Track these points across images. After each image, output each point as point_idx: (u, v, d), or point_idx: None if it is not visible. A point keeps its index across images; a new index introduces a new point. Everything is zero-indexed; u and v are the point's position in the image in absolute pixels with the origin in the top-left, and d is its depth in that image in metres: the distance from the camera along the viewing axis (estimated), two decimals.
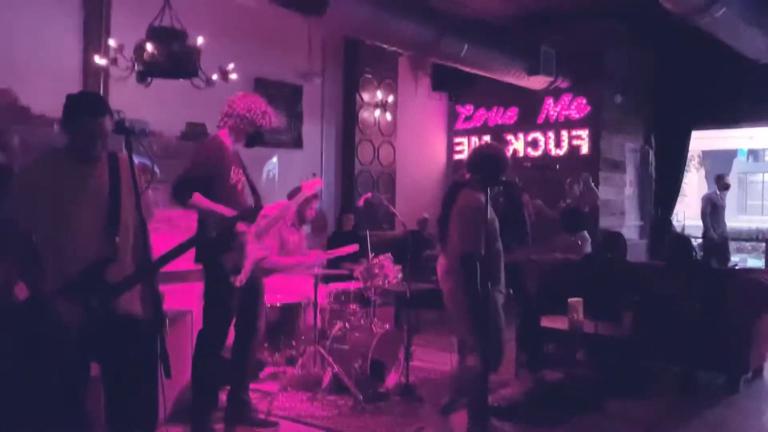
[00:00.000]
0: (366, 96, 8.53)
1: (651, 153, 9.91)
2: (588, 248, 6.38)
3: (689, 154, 10.45)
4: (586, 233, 6.53)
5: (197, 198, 3.53)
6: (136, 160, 2.45)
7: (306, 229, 6.30)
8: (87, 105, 2.49)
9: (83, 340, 2.36)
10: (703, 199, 9.16)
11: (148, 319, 2.32)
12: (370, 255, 5.21)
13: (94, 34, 5.80)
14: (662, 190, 9.91)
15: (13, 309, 2.43)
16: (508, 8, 8.20)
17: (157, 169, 2.75)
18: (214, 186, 3.61)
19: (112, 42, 5.21)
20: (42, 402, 2.29)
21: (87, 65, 5.75)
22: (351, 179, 8.48)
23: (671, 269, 5.30)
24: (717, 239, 8.74)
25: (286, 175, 7.40)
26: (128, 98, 5.31)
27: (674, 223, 10.43)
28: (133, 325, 2.47)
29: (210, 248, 3.47)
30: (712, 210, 8.85)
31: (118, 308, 2.43)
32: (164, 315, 2.14)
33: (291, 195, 5.27)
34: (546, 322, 5.09)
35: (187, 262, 3.68)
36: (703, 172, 20.71)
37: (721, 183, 9.04)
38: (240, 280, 3.56)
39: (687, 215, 14.86)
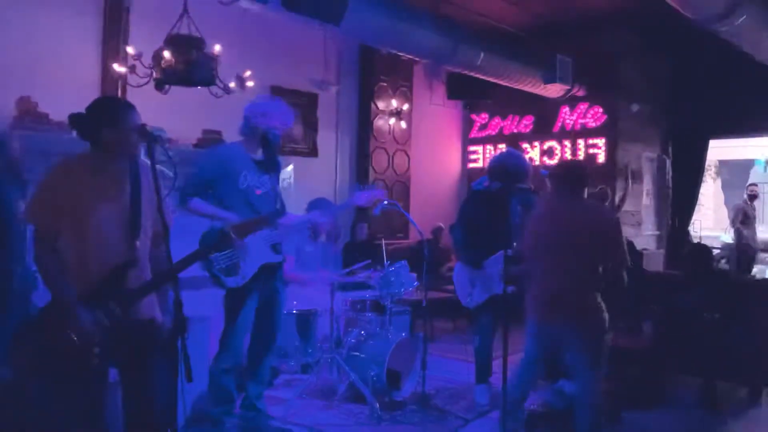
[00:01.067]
0: (381, 104, 8.54)
1: (668, 162, 9.82)
2: None
3: (706, 164, 10.36)
4: None
5: (195, 204, 3.61)
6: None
7: (321, 237, 6.30)
8: (126, 109, 2.49)
9: (105, 346, 2.35)
10: (733, 208, 9.09)
11: (169, 323, 2.31)
12: (386, 263, 5.19)
13: (112, 42, 5.84)
14: (679, 199, 9.81)
15: (34, 316, 2.43)
16: (523, 17, 8.18)
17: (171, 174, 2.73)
18: (219, 190, 3.66)
19: (130, 50, 5.25)
20: (63, 408, 2.29)
21: (105, 73, 5.80)
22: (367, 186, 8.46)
23: (691, 279, 5.23)
24: (749, 249, 8.67)
25: (302, 184, 7.41)
26: (145, 105, 5.29)
27: (691, 232, 10.32)
28: (154, 329, 2.47)
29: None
30: (744, 219, 8.79)
31: (138, 313, 2.43)
32: (185, 319, 2.13)
33: (311, 205, 5.28)
34: None
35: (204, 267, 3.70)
36: (720, 181, 20.50)
37: (750, 193, 8.99)
38: (236, 282, 3.57)
39: (704, 225, 14.70)
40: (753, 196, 8.97)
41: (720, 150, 14.29)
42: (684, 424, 4.45)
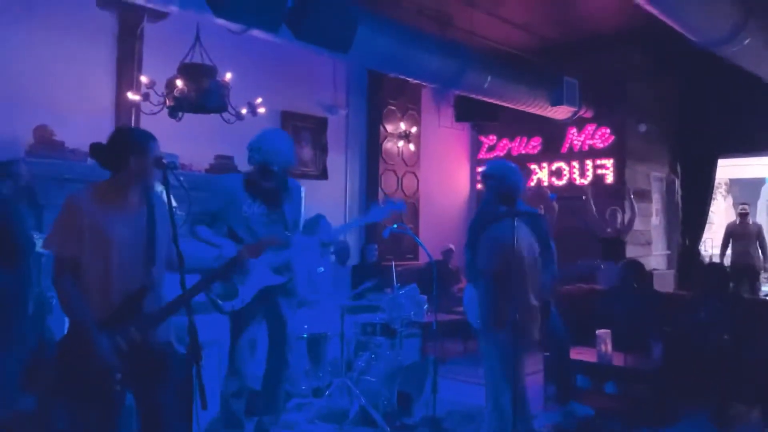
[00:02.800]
0: (390, 127, 8.63)
1: (677, 182, 9.82)
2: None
3: (716, 182, 10.35)
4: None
5: (199, 231, 3.73)
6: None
7: (331, 258, 6.35)
8: (151, 139, 2.54)
9: (123, 371, 2.40)
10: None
11: (184, 350, 2.35)
12: (396, 287, 5.22)
13: (126, 70, 5.98)
14: (689, 218, 9.80)
15: (56, 342, 2.48)
16: (529, 40, 8.28)
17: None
18: (227, 218, 3.80)
19: (144, 78, 5.37)
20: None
21: (120, 101, 5.92)
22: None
23: (702, 299, 5.22)
24: (750, 268, 8.64)
25: (312, 206, 7.48)
26: (159, 132, 5.38)
27: (702, 251, 10.28)
28: (169, 355, 2.51)
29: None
30: (729, 240, 8.83)
31: (155, 337, 2.48)
32: (200, 346, 2.17)
33: (308, 225, 5.34)
34: (574, 353, 5.03)
35: None
36: (730, 200, 20.42)
37: (740, 212, 8.99)
38: (233, 305, 3.63)
39: (715, 243, 14.62)
40: (744, 215, 8.97)
41: (730, 168, 14.25)
42: None
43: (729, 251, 8.95)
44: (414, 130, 8.83)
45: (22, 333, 4.41)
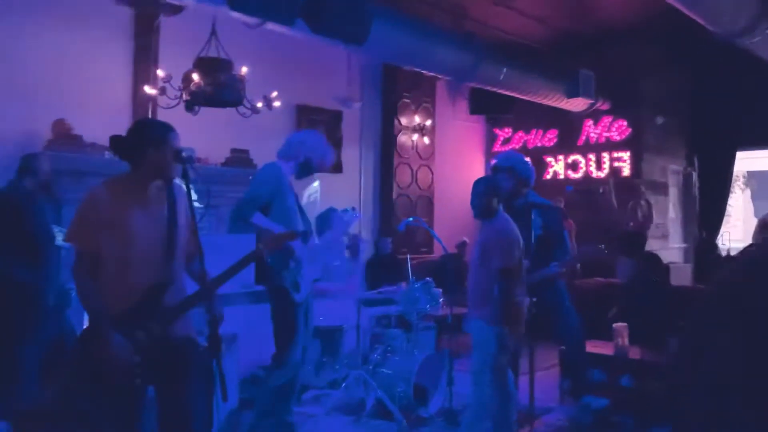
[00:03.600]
0: (404, 120, 8.61)
1: (694, 174, 9.73)
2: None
3: (734, 175, 10.23)
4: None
5: (258, 217, 3.73)
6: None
7: (345, 253, 6.37)
8: (171, 131, 2.53)
9: (143, 365, 2.42)
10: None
11: (205, 342, 2.37)
12: (411, 280, 5.23)
13: (143, 64, 6.01)
14: (707, 212, 9.70)
15: (79, 335, 2.50)
16: (545, 32, 8.22)
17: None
18: (271, 209, 3.80)
19: (160, 72, 5.40)
20: (103, 426, 2.35)
21: (136, 95, 5.96)
22: (389, 203, 8.53)
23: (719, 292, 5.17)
24: None
25: (326, 200, 7.49)
26: (175, 126, 5.46)
27: (720, 245, 10.19)
28: (190, 347, 2.53)
29: (269, 268, 3.60)
30: (762, 230, 8.66)
31: (175, 331, 2.49)
32: (220, 338, 2.18)
33: (320, 219, 5.37)
34: (590, 347, 5.02)
35: (232, 285, 3.78)
36: (748, 192, 20.21)
37: None
38: (300, 297, 3.68)
39: (733, 237, 14.48)
40: None
41: (749, 161, 14.09)
42: None
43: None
44: (428, 123, 8.81)
45: (42, 325, 4.48)
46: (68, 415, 2.48)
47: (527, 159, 4.80)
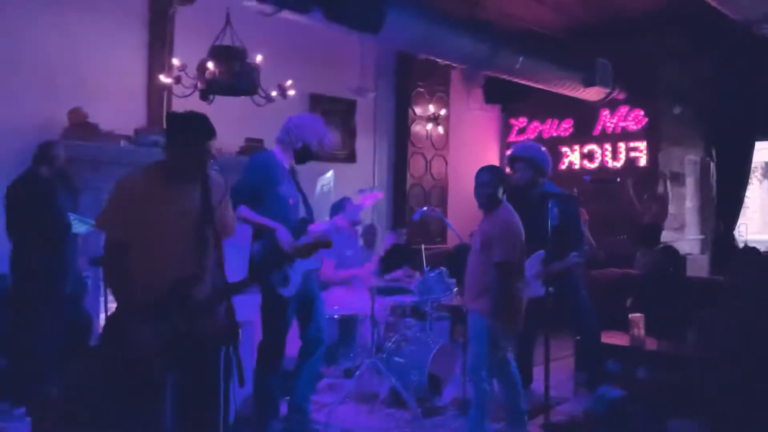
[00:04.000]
0: (418, 110, 8.57)
1: (712, 165, 9.61)
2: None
3: (752, 166, 10.10)
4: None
5: (243, 210, 3.63)
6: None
7: (359, 242, 6.36)
8: (207, 127, 2.50)
9: (165, 356, 2.42)
10: None
11: (221, 329, 2.36)
12: (426, 270, 5.21)
13: (158, 53, 6.02)
14: (724, 203, 9.58)
15: (106, 320, 2.50)
16: (561, 20, 8.13)
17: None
18: (263, 198, 3.72)
19: (176, 61, 5.40)
20: (124, 416, 2.36)
21: (151, 84, 5.97)
22: (403, 193, 8.51)
23: (738, 284, 5.12)
24: None
25: (340, 189, 7.47)
26: None
27: (737, 236, 10.07)
28: (210, 339, 2.52)
29: (260, 266, 3.57)
30: None
31: (200, 326, 2.47)
32: (237, 326, 2.18)
33: (334, 208, 5.36)
34: (606, 338, 4.99)
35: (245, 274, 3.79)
36: (766, 184, 19.97)
37: None
38: (288, 291, 3.65)
39: (750, 228, 14.34)
40: None
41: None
42: None
43: None
44: (443, 112, 8.76)
45: (59, 312, 4.53)
46: (87, 402, 2.49)
47: (544, 149, 4.76)
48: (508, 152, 4.68)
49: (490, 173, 3.84)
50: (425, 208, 4.90)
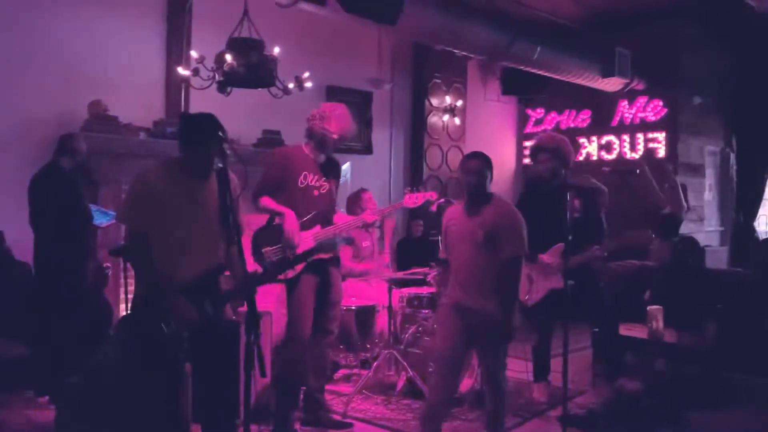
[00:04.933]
0: (435, 101, 8.55)
1: (732, 156, 9.51)
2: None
3: None
4: None
5: (265, 201, 3.81)
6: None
7: (376, 233, 6.38)
8: (214, 129, 2.55)
9: (189, 341, 2.47)
10: None
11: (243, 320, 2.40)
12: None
13: (176, 46, 6.05)
14: (744, 194, 9.49)
15: (131, 307, 2.55)
16: (579, 10, 8.06)
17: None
18: (283, 189, 3.83)
19: (194, 53, 5.41)
20: (145, 397, 2.41)
21: (170, 76, 6.01)
22: (420, 184, 8.48)
23: (757, 277, 5.08)
24: None
25: (356, 181, 7.50)
26: (208, 107, 5.46)
27: (757, 228, 9.96)
28: (229, 327, 2.57)
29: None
30: None
31: (222, 314, 2.53)
32: (259, 316, 2.21)
33: (350, 199, 5.38)
34: (624, 330, 4.97)
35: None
36: None
37: None
38: (287, 275, 3.70)
39: None
40: None
41: None
42: (747, 426, 4.33)
43: None
44: (459, 103, 8.73)
45: (82, 302, 4.59)
46: (109, 390, 2.54)
47: (567, 140, 4.73)
48: (532, 142, 4.64)
49: (481, 159, 3.51)
50: (442, 200, 4.88)
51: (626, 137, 8.88)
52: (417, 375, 4.54)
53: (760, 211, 9.96)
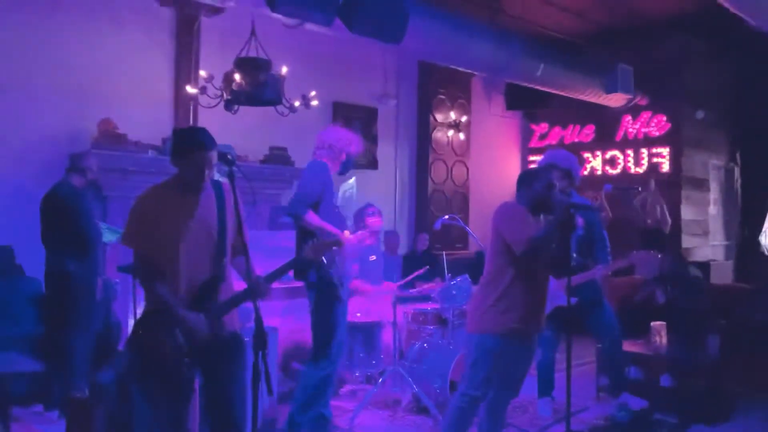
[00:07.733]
0: (439, 116, 8.63)
1: (736, 170, 9.53)
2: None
3: None
4: None
5: (311, 215, 3.81)
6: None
7: (380, 246, 6.43)
8: (198, 140, 2.58)
9: (194, 355, 2.53)
10: None
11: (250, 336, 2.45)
12: (447, 276, 5.25)
13: (185, 65, 6.15)
14: (749, 208, 9.50)
15: (135, 323, 2.61)
16: (582, 26, 8.14)
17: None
18: (321, 206, 3.88)
19: (202, 73, 5.52)
20: (153, 412, 2.45)
21: (178, 95, 6.11)
22: (425, 199, 8.56)
23: (761, 291, 5.10)
24: None
25: (362, 196, 7.54)
26: (215, 124, 5.58)
27: (763, 243, 9.96)
28: (236, 343, 2.62)
29: (305, 265, 3.66)
30: None
31: (223, 326, 2.59)
32: (266, 333, 2.26)
33: (356, 216, 5.44)
34: (628, 345, 4.99)
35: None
36: None
37: None
38: (345, 292, 3.79)
39: None
40: None
41: None
42: None
43: None
44: (464, 119, 8.80)
45: (92, 316, 4.65)
46: (119, 403, 2.59)
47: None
48: (542, 159, 4.65)
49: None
50: (446, 217, 4.94)
51: (630, 152, 8.92)
52: (422, 391, 4.56)
53: (765, 226, 9.97)
